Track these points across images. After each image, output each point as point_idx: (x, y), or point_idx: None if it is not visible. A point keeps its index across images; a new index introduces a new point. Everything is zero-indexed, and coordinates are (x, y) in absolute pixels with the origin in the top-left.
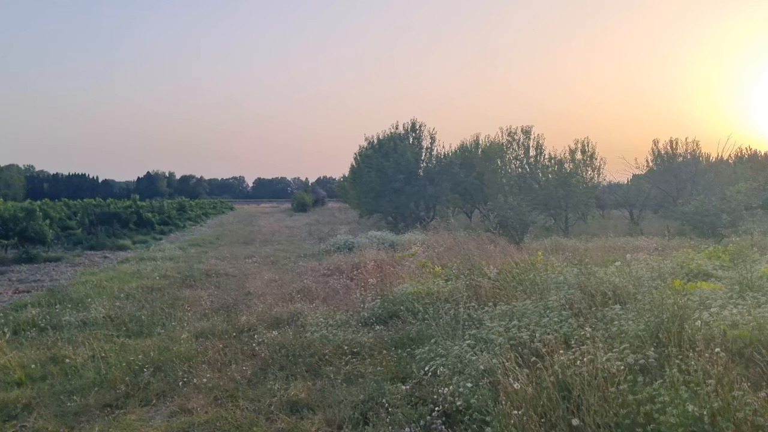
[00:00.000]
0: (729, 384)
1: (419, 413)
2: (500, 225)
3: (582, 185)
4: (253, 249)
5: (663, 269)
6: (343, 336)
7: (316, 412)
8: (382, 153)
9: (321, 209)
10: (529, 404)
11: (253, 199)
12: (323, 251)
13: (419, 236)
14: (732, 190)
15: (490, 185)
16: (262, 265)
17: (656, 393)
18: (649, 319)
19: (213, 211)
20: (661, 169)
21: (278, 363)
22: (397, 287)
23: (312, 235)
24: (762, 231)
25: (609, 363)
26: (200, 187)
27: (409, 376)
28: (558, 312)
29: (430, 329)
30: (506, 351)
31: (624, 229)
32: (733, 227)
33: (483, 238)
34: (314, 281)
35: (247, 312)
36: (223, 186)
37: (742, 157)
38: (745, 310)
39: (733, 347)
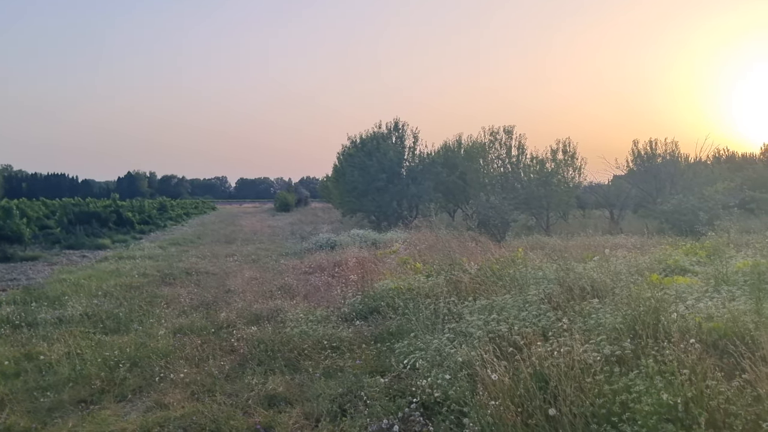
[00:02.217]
0: (702, 373)
1: (397, 405)
2: (481, 223)
3: (563, 185)
4: (234, 248)
5: (641, 265)
6: (322, 331)
7: (294, 406)
8: (365, 152)
9: (304, 209)
10: (507, 395)
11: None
12: (305, 250)
13: (401, 234)
14: (710, 189)
15: (473, 184)
16: (243, 263)
17: (632, 383)
18: (626, 312)
19: (195, 211)
20: (640, 170)
21: (257, 358)
22: (378, 283)
23: (294, 234)
24: (738, 229)
25: (586, 354)
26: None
27: (388, 370)
28: (537, 306)
29: (410, 324)
30: (485, 344)
31: (604, 228)
32: (711, 225)
33: (465, 236)
34: (295, 279)
35: (227, 309)
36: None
37: (719, 158)
38: (720, 303)
39: (707, 339)
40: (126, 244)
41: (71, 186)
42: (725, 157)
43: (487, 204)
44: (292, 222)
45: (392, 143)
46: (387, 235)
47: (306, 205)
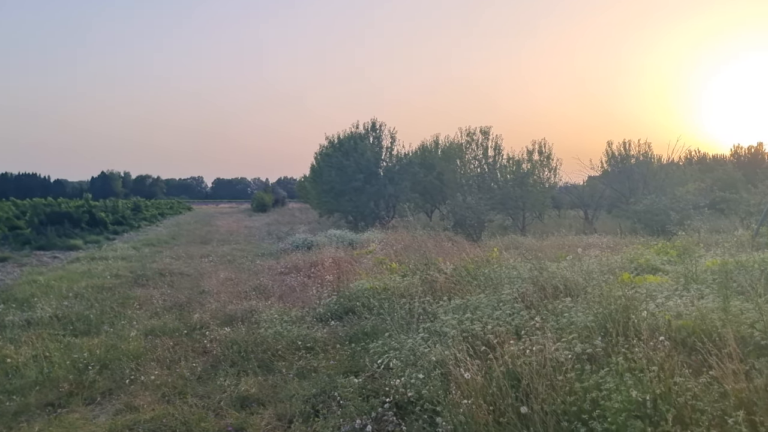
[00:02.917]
0: (670, 370)
1: (371, 405)
2: (458, 224)
3: (539, 185)
4: (209, 248)
5: (613, 264)
6: (297, 332)
7: (266, 407)
8: (343, 152)
9: (281, 209)
10: (479, 393)
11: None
12: (281, 250)
13: (378, 235)
14: (681, 190)
15: (450, 185)
16: (218, 264)
17: (602, 380)
18: (598, 310)
19: (170, 211)
20: (614, 171)
21: (230, 359)
22: (353, 283)
23: (271, 234)
24: (708, 229)
25: (558, 352)
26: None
27: (362, 370)
28: (510, 305)
29: (385, 323)
30: (459, 343)
31: (579, 228)
32: (682, 225)
33: (441, 236)
34: (271, 279)
35: (201, 310)
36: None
37: (691, 159)
38: (689, 301)
39: (677, 336)
40: (98, 245)
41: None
42: (697, 159)
43: (464, 204)
44: (269, 222)
45: (370, 143)
46: (364, 235)
47: (283, 205)
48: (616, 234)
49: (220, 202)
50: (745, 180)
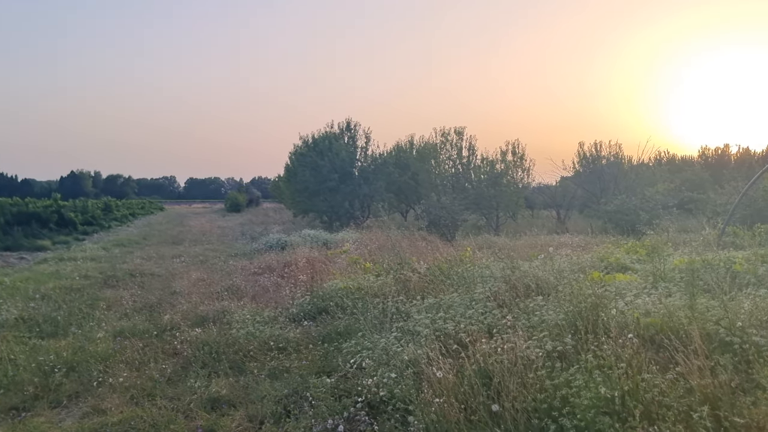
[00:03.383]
0: (638, 367)
1: (343, 405)
2: (432, 223)
3: (512, 186)
4: (181, 249)
5: (584, 263)
6: (269, 332)
7: (237, 408)
8: (317, 152)
9: (255, 209)
10: (451, 392)
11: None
12: (255, 250)
13: (353, 234)
14: (651, 190)
15: (425, 185)
16: (190, 264)
17: (572, 378)
18: (568, 308)
19: (141, 211)
20: (586, 171)
21: (201, 361)
22: (327, 283)
23: (245, 234)
24: (676, 228)
25: (529, 350)
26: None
27: (335, 370)
28: (483, 304)
29: (358, 323)
30: (431, 342)
31: (552, 227)
32: (651, 225)
33: (416, 236)
34: (244, 280)
35: (171, 311)
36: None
37: (661, 160)
38: (657, 299)
39: (645, 334)
40: (67, 246)
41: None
42: (666, 160)
43: (438, 204)
44: (243, 222)
45: (344, 143)
46: (338, 235)
47: (257, 205)
48: (587, 233)
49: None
50: (712, 181)
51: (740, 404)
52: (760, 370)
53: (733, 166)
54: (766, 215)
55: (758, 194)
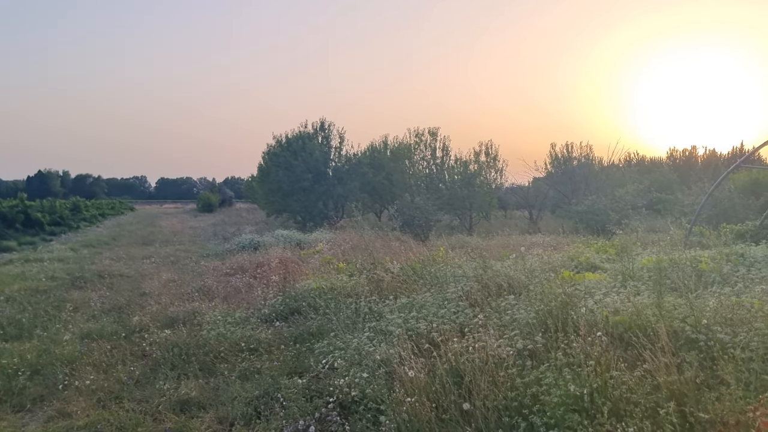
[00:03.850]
0: (606, 365)
1: (314, 406)
2: (406, 223)
3: (486, 186)
4: (152, 250)
5: (554, 262)
6: (241, 333)
7: (207, 410)
8: (291, 152)
9: (228, 209)
10: (423, 391)
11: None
12: (227, 251)
13: (326, 235)
14: (621, 191)
15: (399, 185)
16: (160, 265)
17: (542, 376)
18: (539, 307)
19: (111, 211)
20: (558, 172)
21: (170, 362)
22: (299, 284)
23: (217, 235)
24: (646, 228)
25: (500, 349)
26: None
27: (307, 370)
28: (455, 303)
29: (330, 323)
30: (404, 341)
31: (524, 227)
32: (621, 225)
33: (389, 236)
34: (215, 280)
35: (141, 312)
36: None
37: (630, 161)
38: (626, 297)
39: (614, 332)
40: (34, 246)
41: None
42: (635, 161)
43: (412, 204)
44: (215, 223)
45: (318, 143)
46: (312, 235)
47: (230, 205)
48: (559, 233)
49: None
50: (679, 182)
51: (705, 400)
52: (724, 367)
53: (700, 168)
54: (731, 215)
55: (724, 195)
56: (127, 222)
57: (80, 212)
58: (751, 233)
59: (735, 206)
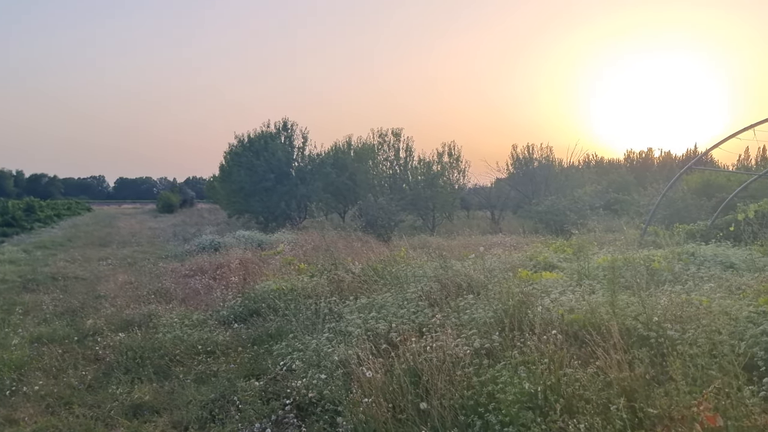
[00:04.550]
0: (559, 362)
1: (271, 408)
2: (369, 224)
3: (449, 187)
4: (109, 251)
5: (514, 262)
6: (198, 336)
7: (161, 414)
8: (253, 152)
9: (189, 210)
10: (380, 391)
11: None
12: (187, 252)
13: (289, 235)
14: (580, 192)
15: (363, 185)
16: (117, 267)
17: (498, 374)
18: (497, 306)
19: (67, 212)
20: (519, 173)
21: (124, 366)
22: (259, 285)
23: (177, 236)
24: (603, 228)
25: (457, 348)
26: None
27: (264, 373)
28: (415, 303)
29: (290, 325)
30: (363, 342)
31: (486, 228)
32: (579, 225)
33: (352, 236)
34: (174, 282)
35: (95, 315)
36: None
37: (589, 163)
38: (581, 296)
39: (569, 330)
40: None
41: None
42: (594, 163)
43: (376, 205)
44: (175, 223)
45: (281, 143)
46: (274, 236)
47: (191, 206)
48: (519, 233)
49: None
50: (636, 183)
51: (654, 395)
52: (672, 363)
53: (656, 169)
54: (684, 215)
55: (677, 196)
56: (84, 223)
57: (34, 213)
58: (703, 233)
59: (688, 206)
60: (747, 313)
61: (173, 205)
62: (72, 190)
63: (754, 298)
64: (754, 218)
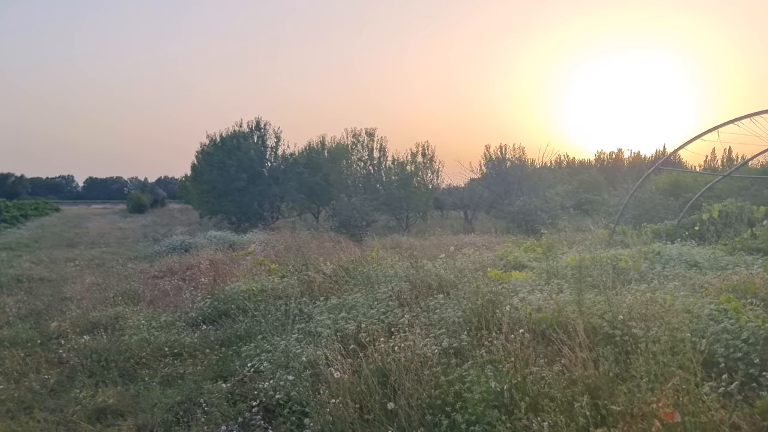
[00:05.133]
0: (525, 360)
1: (238, 410)
2: (342, 224)
3: (422, 187)
4: (77, 252)
5: (485, 261)
6: (165, 338)
7: (125, 418)
8: (225, 151)
9: (160, 210)
10: (347, 392)
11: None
12: (156, 253)
13: (261, 236)
14: (551, 192)
15: (337, 185)
16: (84, 268)
17: (466, 373)
18: (466, 305)
19: (34, 212)
20: (492, 173)
21: (88, 369)
22: (229, 286)
23: (147, 236)
24: (573, 228)
25: (426, 348)
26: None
27: (232, 374)
28: (385, 303)
29: (259, 326)
30: (332, 342)
31: (459, 227)
32: (550, 225)
33: (325, 236)
34: (142, 283)
35: (60, 317)
36: (49, 186)
37: (561, 163)
38: (548, 295)
39: (537, 328)
40: None
41: None
42: (566, 163)
43: (349, 205)
44: (146, 224)
45: (254, 142)
46: (246, 236)
47: (163, 206)
48: (492, 233)
49: (92, 203)
50: (607, 183)
51: (617, 393)
52: (636, 360)
53: (626, 170)
54: (653, 215)
55: (646, 196)
56: (51, 223)
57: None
58: (669, 232)
59: (656, 206)
60: (708, 310)
61: (144, 206)
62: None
63: (716, 296)
64: (719, 218)
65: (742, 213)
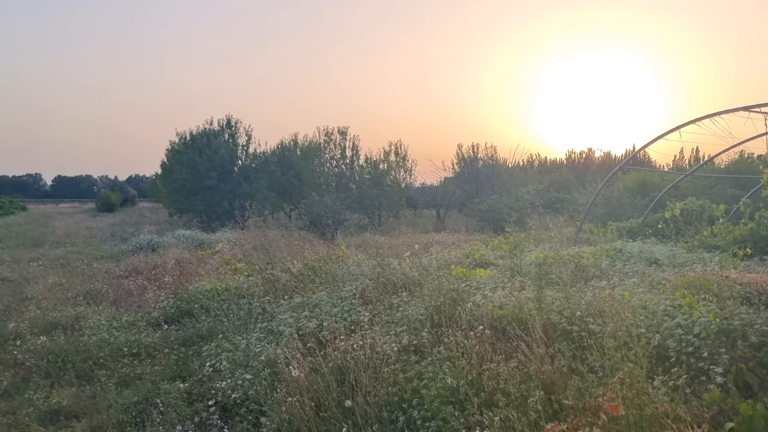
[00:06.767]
0: (481, 357)
1: (195, 410)
2: (313, 223)
3: (395, 186)
4: (41, 252)
5: (451, 259)
6: (125, 338)
7: (80, 419)
8: (195, 149)
9: (130, 209)
10: (305, 390)
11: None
12: (123, 252)
13: (230, 235)
14: (522, 191)
15: (309, 184)
16: (48, 268)
17: (424, 370)
18: (429, 303)
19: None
20: (464, 172)
21: (44, 371)
22: (193, 285)
23: (115, 236)
24: (542, 226)
25: (386, 346)
26: None
27: (191, 374)
28: (349, 301)
29: (221, 325)
30: (293, 341)
31: (431, 226)
32: (518, 223)
33: (295, 235)
34: (106, 283)
35: (19, 318)
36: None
37: (532, 162)
38: (510, 292)
39: (498, 325)
40: None
41: None
42: (537, 162)
43: (321, 203)
44: (114, 223)
45: (224, 140)
46: (215, 235)
47: (133, 204)
48: (462, 231)
49: (61, 202)
50: (577, 182)
51: (571, 387)
52: (591, 356)
53: (596, 169)
54: (620, 213)
55: (614, 195)
56: (16, 223)
57: None
58: (634, 230)
59: (623, 205)
60: (664, 306)
61: (113, 204)
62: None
63: (672, 292)
64: (681, 216)
65: (703, 211)
